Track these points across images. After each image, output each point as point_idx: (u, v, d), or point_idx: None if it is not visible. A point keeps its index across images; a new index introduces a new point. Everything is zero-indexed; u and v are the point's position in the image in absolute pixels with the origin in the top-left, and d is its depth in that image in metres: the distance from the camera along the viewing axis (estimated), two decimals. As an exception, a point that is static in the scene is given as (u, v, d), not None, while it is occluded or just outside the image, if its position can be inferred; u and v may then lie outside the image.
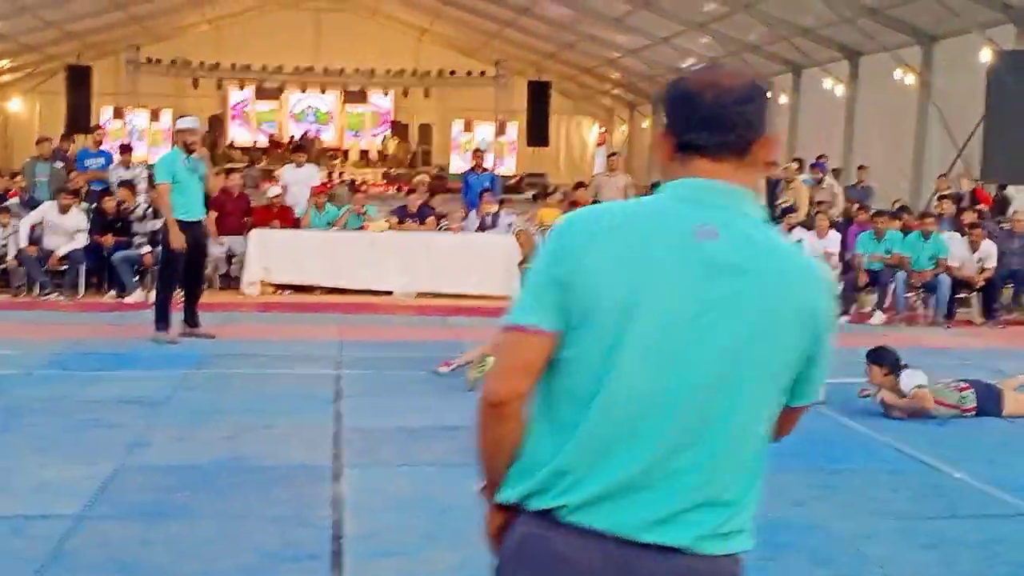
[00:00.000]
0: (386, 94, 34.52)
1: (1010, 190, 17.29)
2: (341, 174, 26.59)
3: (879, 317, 13.06)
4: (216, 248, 13.61)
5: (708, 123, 2.00)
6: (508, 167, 33.89)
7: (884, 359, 7.82)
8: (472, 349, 8.69)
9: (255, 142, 32.77)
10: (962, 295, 13.42)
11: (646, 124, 37.39)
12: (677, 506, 1.93)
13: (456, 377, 8.37)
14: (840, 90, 24.02)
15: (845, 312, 13.26)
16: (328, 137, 33.46)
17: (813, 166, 17.06)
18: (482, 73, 33.99)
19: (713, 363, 1.91)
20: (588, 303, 1.92)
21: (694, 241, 1.92)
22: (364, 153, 33.59)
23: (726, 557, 1.98)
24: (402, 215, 15.20)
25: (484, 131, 34.13)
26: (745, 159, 2.02)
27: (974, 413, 7.78)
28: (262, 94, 33.61)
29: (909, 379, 7.68)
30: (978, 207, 15.31)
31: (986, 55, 17.99)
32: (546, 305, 1.96)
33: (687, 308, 1.91)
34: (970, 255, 13.22)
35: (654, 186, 2.05)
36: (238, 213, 14.74)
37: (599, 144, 38.35)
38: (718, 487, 1.95)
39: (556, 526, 1.96)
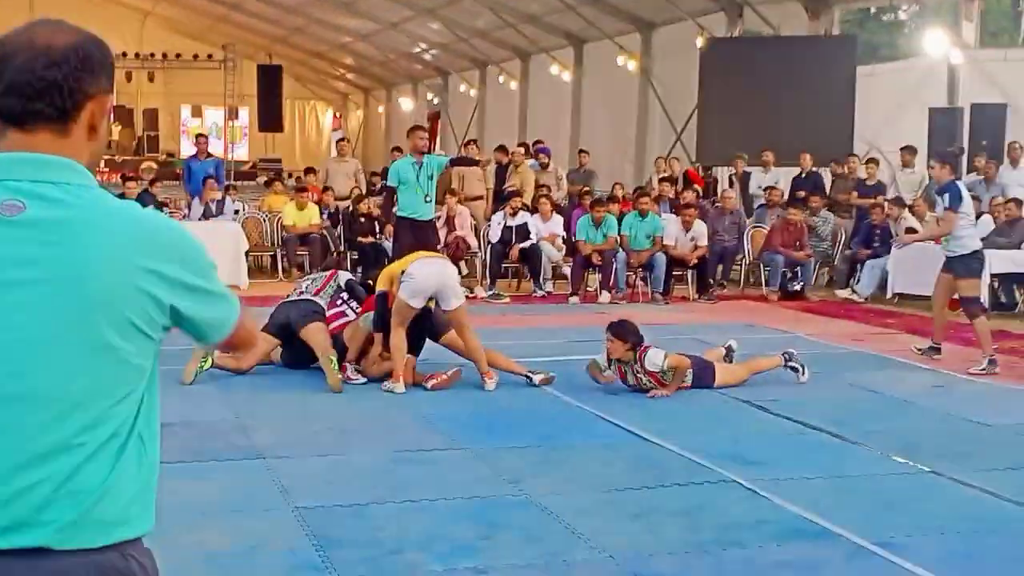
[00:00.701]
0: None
1: (718, 171, 18.22)
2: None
3: (606, 296, 13.49)
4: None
5: (17, 89, 1.80)
6: (242, 153, 33.16)
7: (627, 334, 7.97)
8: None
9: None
10: (677, 272, 14.04)
11: (381, 109, 37.38)
12: (23, 504, 1.76)
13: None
14: (566, 76, 24.68)
15: (574, 293, 13.66)
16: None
17: (538, 151, 17.41)
18: (209, 56, 33.07)
19: (17, 339, 1.76)
20: None
21: (1, 217, 1.77)
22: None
23: (100, 551, 1.82)
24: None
25: (214, 116, 33.24)
26: (67, 127, 1.84)
27: (690, 387, 8.11)
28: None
29: (654, 356, 7.90)
30: (693, 188, 16.00)
31: (700, 42, 18.87)
32: None
33: None
34: (684, 235, 13.83)
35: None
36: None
37: (334, 129, 38.11)
38: (64, 473, 1.77)
39: None
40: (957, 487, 5.86)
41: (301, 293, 8.78)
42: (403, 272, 7.98)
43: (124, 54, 31.73)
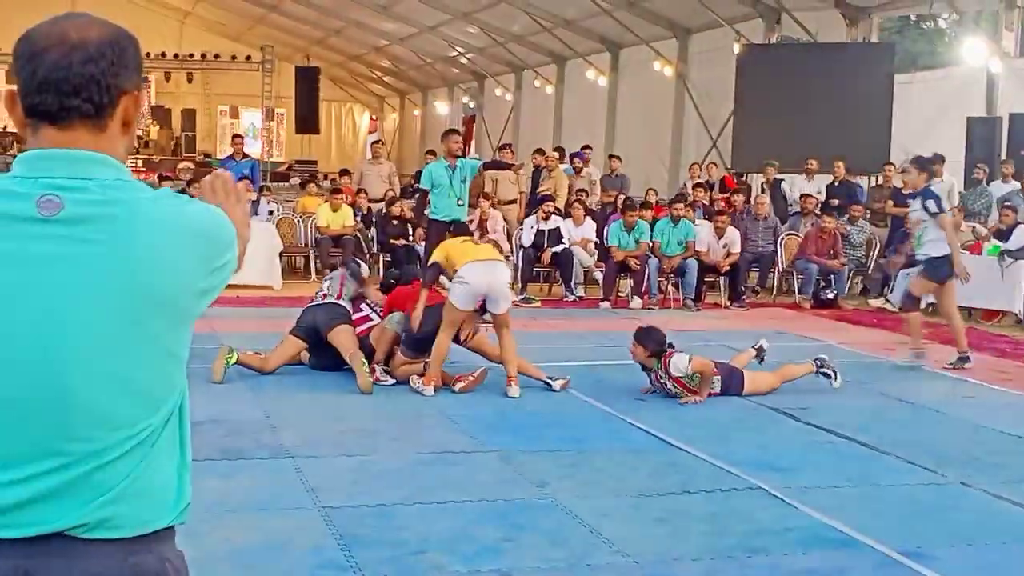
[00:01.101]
0: (147, 78, 33.42)
1: (751, 177, 18.15)
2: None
3: (637, 302, 13.46)
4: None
5: (51, 85, 1.76)
6: (278, 154, 33.35)
7: (648, 341, 8.01)
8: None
9: (4, 127, 31.17)
10: (709, 279, 14.00)
11: (417, 112, 37.49)
12: (59, 494, 1.75)
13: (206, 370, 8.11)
14: (602, 80, 24.66)
15: (605, 298, 13.63)
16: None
17: (573, 156, 17.42)
18: (248, 58, 33.30)
19: (65, 342, 1.73)
20: None
21: (39, 216, 1.73)
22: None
23: (135, 547, 1.82)
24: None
25: (251, 117, 33.45)
26: (103, 123, 1.80)
27: (718, 394, 8.09)
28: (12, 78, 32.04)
29: (678, 361, 7.90)
30: (729, 194, 15.96)
31: (737, 49, 18.80)
32: None
33: (28, 293, 1.73)
34: (716, 241, 13.79)
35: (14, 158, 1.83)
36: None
37: (371, 132, 38.24)
38: (99, 467, 1.77)
39: None
40: (986, 498, 5.82)
41: (325, 296, 8.83)
42: (455, 272, 7.97)
43: (163, 54, 32.05)
